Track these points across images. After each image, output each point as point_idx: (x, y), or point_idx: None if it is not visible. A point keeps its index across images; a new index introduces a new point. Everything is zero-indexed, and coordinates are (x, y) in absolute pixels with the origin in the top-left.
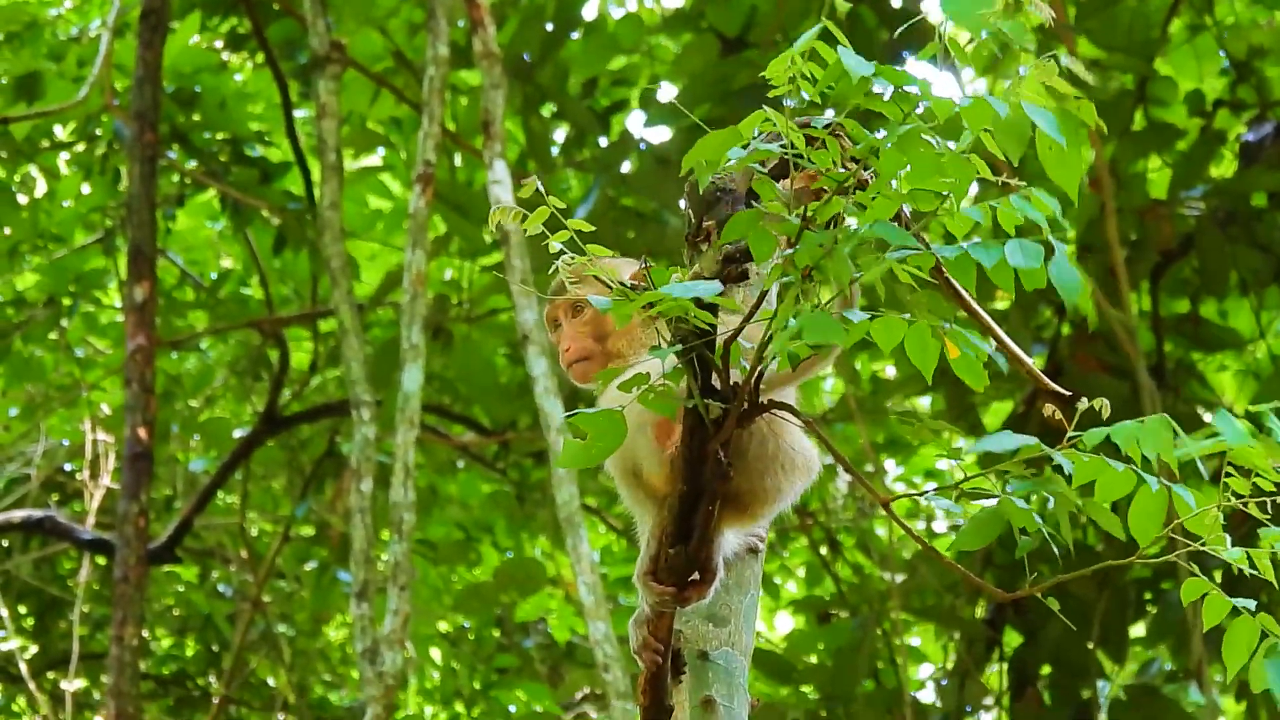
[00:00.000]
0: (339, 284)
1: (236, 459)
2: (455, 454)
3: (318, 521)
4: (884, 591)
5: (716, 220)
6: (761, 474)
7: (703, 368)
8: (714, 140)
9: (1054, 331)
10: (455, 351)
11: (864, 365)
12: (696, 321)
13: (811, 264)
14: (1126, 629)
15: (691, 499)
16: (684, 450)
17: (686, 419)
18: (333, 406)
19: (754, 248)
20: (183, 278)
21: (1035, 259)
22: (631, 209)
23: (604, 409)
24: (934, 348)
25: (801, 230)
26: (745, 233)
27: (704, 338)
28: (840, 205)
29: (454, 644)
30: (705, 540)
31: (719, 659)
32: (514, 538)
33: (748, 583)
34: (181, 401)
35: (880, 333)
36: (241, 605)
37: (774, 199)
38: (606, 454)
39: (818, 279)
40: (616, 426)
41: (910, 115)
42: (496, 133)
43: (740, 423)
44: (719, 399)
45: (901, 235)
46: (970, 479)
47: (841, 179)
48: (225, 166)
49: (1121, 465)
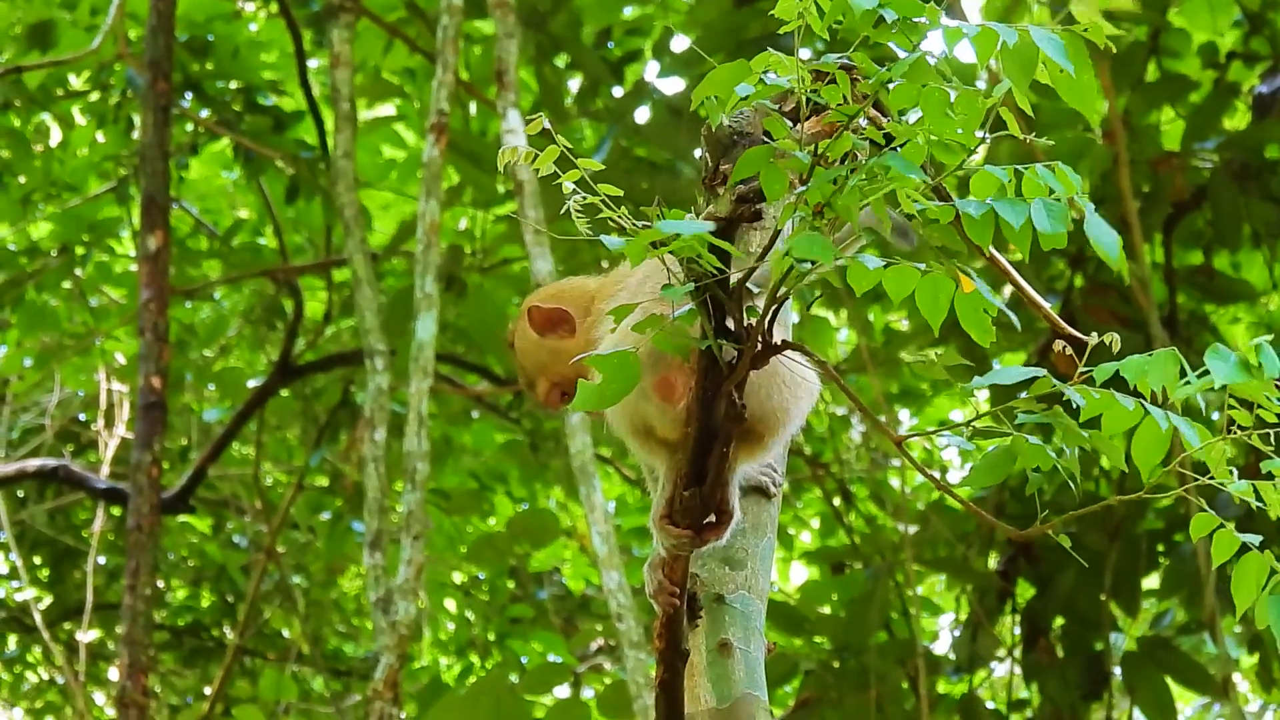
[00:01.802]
0: (353, 233)
1: (250, 408)
2: (469, 403)
3: (332, 471)
4: (897, 542)
5: (734, 164)
6: (768, 395)
7: (715, 308)
8: (723, 74)
9: (1066, 283)
10: (469, 301)
11: (877, 317)
12: (707, 262)
13: (823, 200)
14: (1139, 580)
15: (705, 441)
16: (697, 392)
17: (700, 360)
18: (347, 356)
19: (766, 185)
20: (196, 227)
21: (1061, 223)
22: (645, 159)
23: (616, 350)
24: (945, 298)
25: (813, 167)
26: (757, 170)
27: (716, 278)
28: (850, 141)
29: (468, 594)
30: (720, 482)
31: (735, 602)
32: (527, 488)
33: (764, 526)
34: (195, 351)
35: (892, 281)
36: (256, 555)
37: (786, 136)
38: (620, 395)
39: (829, 216)
40: (629, 367)
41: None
42: (510, 82)
43: (754, 364)
44: (732, 340)
45: (911, 167)
46: (981, 415)
47: (853, 113)
48: (238, 115)
49: (1130, 400)
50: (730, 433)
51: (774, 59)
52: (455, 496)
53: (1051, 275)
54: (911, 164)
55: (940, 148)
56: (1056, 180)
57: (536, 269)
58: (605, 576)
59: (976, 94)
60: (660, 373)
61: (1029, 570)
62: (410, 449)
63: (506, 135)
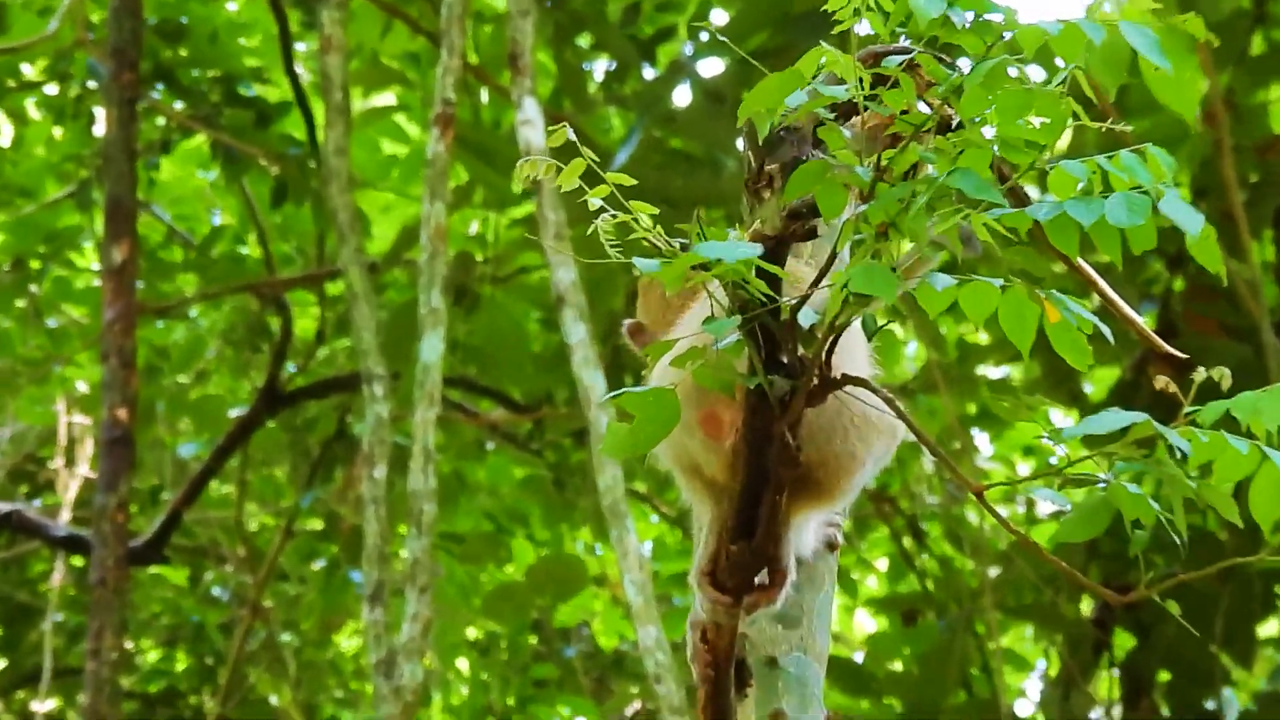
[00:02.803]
0: (347, 241)
1: (232, 443)
2: (483, 434)
3: (326, 514)
4: (976, 588)
5: (780, 164)
6: (829, 438)
7: (766, 339)
8: (771, 84)
9: (1164, 287)
10: (481, 316)
11: (950, 329)
12: (754, 289)
13: (887, 220)
14: (1254, 628)
15: (755, 489)
16: (746, 434)
17: (748, 399)
18: (342, 381)
19: (822, 203)
20: (169, 235)
21: (1141, 213)
22: (680, 152)
23: (653, 387)
24: (1031, 317)
25: (875, 182)
26: (812, 186)
27: (766, 306)
28: (917, 154)
29: (483, 653)
30: (772, 535)
31: (790, 665)
32: (551, 530)
33: (821, 578)
34: (168, 377)
35: (970, 301)
36: (239, 611)
37: (843, 147)
38: (656, 440)
39: (894, 237)
40: (668, 407)
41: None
42: (525, 66)
43: (810, 401)
44: (785, 374)
45: (983, 186)
46: (1074, 462)
47: (919, 121)
48: (216, 108)
49: (1244, 443)
50: (783, 480)
51: (828, 55)
52: (468, 541)
53: (1147, 279)
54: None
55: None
56: (1145, 169)
57: (558, 279)
58: (641, 632)
59: (1058, 95)
60: (706, 406)
61: (1128, 618)
62: (415, 487)
63: (522, 127)
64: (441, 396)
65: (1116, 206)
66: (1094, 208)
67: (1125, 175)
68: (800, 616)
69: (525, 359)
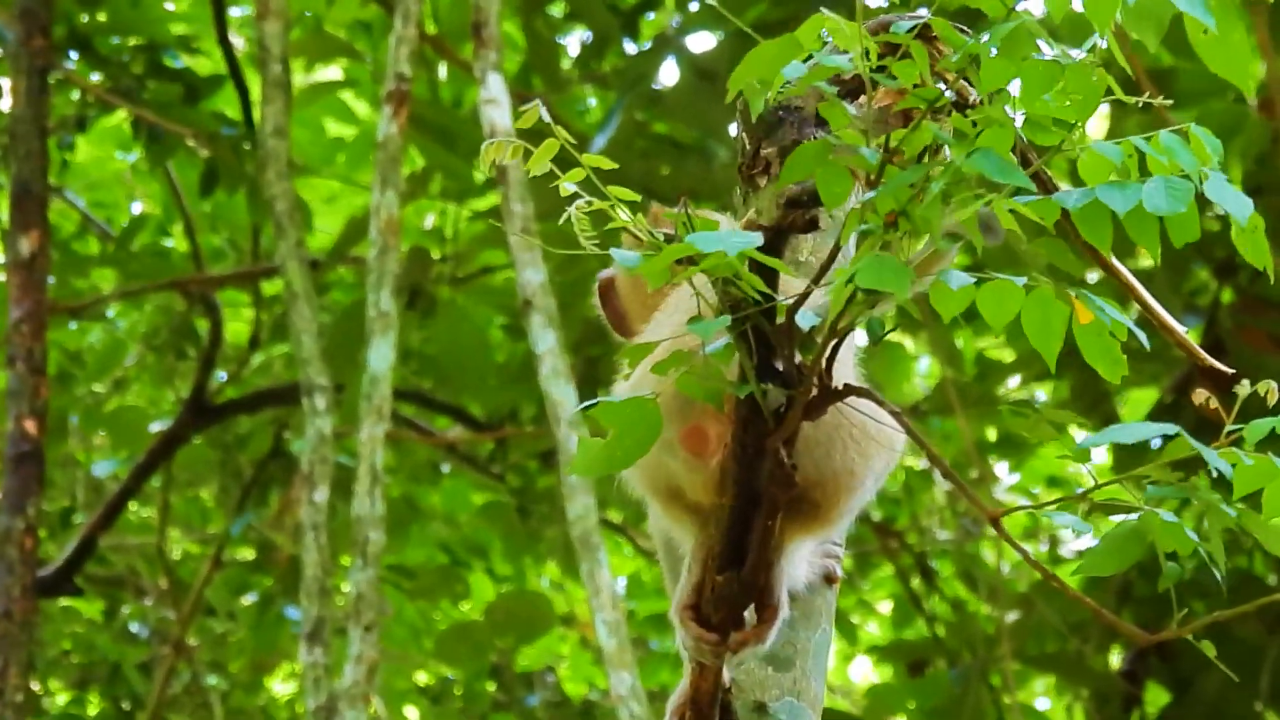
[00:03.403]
0: (286, 234)
1: (154, 460)
2: (438, 454)
3: (259, 541)
4: (992, 635)
5: (778, 148)
6: (827, 453)
7: (760, 343)
8: (767, 53)
9: (1212, 298)
10: (437, 322)
11: (967, 343)
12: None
13: (898, 209)
14: None
15: (744, 512)
16: (735, 450)
17: (738, 410)
18: (278, 392)
19: (823, 189)
20: (84, 225)
21: (1183, 199)
22: (666, 137)
23: (631, 396)
24: (1059, 321)
25: (884, 165)
26: (812, 170)
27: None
28: (932, 134)
29: (435, 701)
30: (763, 564)
31: (781, 712)
32: (513, 563)
33: (818, 615)
34: (83, 385)
35: (988, 301)
36: (160, 650)
37: (848, 126)
38: (635, 456)
39: (905, 228)
40: (648, 418)
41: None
42: (490, 38)
43: (808, 414)
44: (781, 383)
45: (1009, 170)
46: (1100, 485)
47: (934, 97)
48: (139, 81)
49: None
50: (777, 501)
51: (830, 24)
52: (419, 575)
53: (1193, 288)
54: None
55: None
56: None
57: (525, 280)
58: (614, 678)
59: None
60: (689, 420)
61: (1162, 670)
62: (361, 513)
63: (485, 107)
64: (392, 411)
65: (1155, 192)
66: (1130, 194)
67: (1165, 159)
68: (793, 657)
69: (487, 370)
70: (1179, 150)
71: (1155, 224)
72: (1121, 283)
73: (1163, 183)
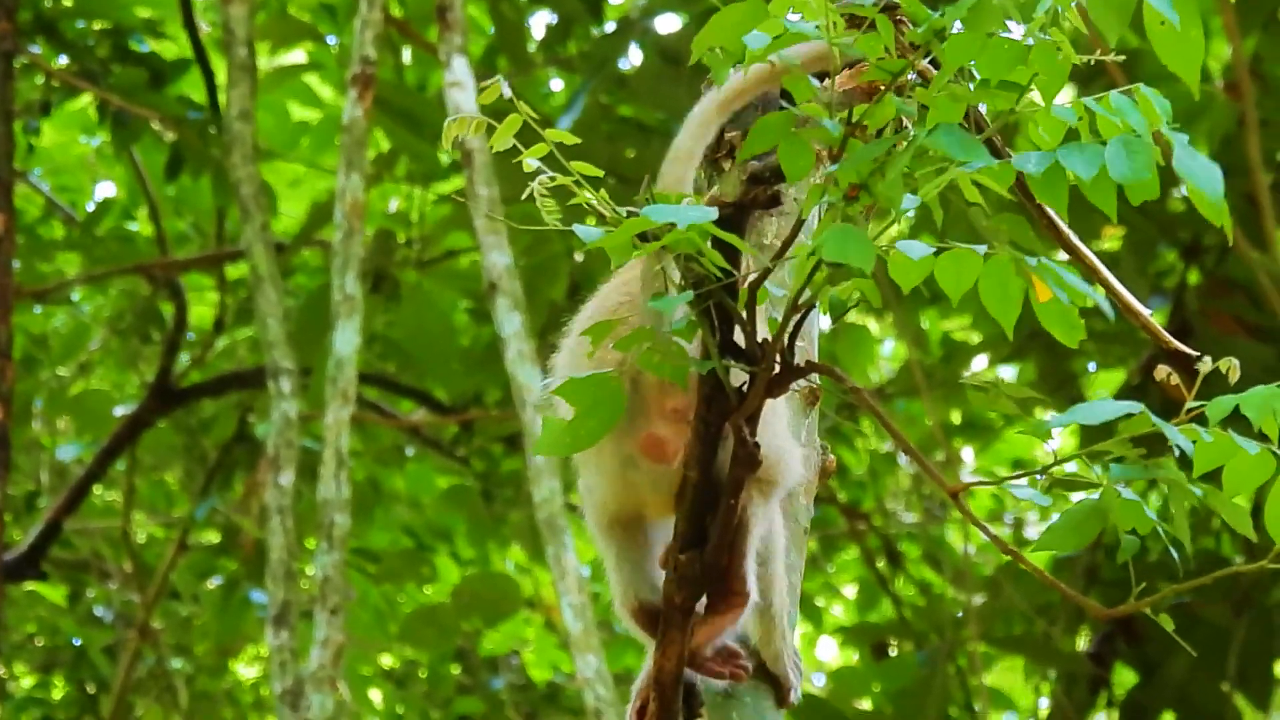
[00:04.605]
0: (251, 217)
1: (119, 444)
2: (402, 438)
3: (224, 525)
4: (958, 617)
5: (743, 131)
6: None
7: (722, 320)
8: (730, 18)
9: (1178, 280)
10: (402, 305)
11: (932, 324)
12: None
13: (859, 183)
14: (1272, 666)
15: (707, 491)
16: (698, 427)
17: (702, 387)
18: (243, 376)
19: (785, 162)
20: (49, 209)
21: (1145, 162)
22: (631, 120)
23: (596, 373)
24: (1016, 292)
25: (846, 139)
26: (774, 143)
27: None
28: (894, 108)
29: (400, 684)
30: (724, 545)
31: (745, 695)
32: (478, 547)
33: None
34: (47, 370)
35: (947, 270)
36: (124, 633)
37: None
38: (599, 434)
39: (866, 202)
40: (612, 395)
41: None
42: (455, 21)
43: (770, 391)
44: (743, 360)
45: (971, 146)
46: (1060, 461)
47: (897, 70)
48: (104, 65)
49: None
50: (741, 480)
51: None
52: (384, 558)
53: (1160, 270)
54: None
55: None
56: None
57: (490, 263)
58: (579, 661)
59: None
60: (642, 430)
61: (1130, 652)
62: (326, 497)
63: (450, 90)
64: (357, 395)
65: (1116, 156)
66: (1091, 157)
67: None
68: None
69: (452, 354)
70: (1129, 111)
71: (1113, 186)
72: (1085, 264)
73: (1123, 145)
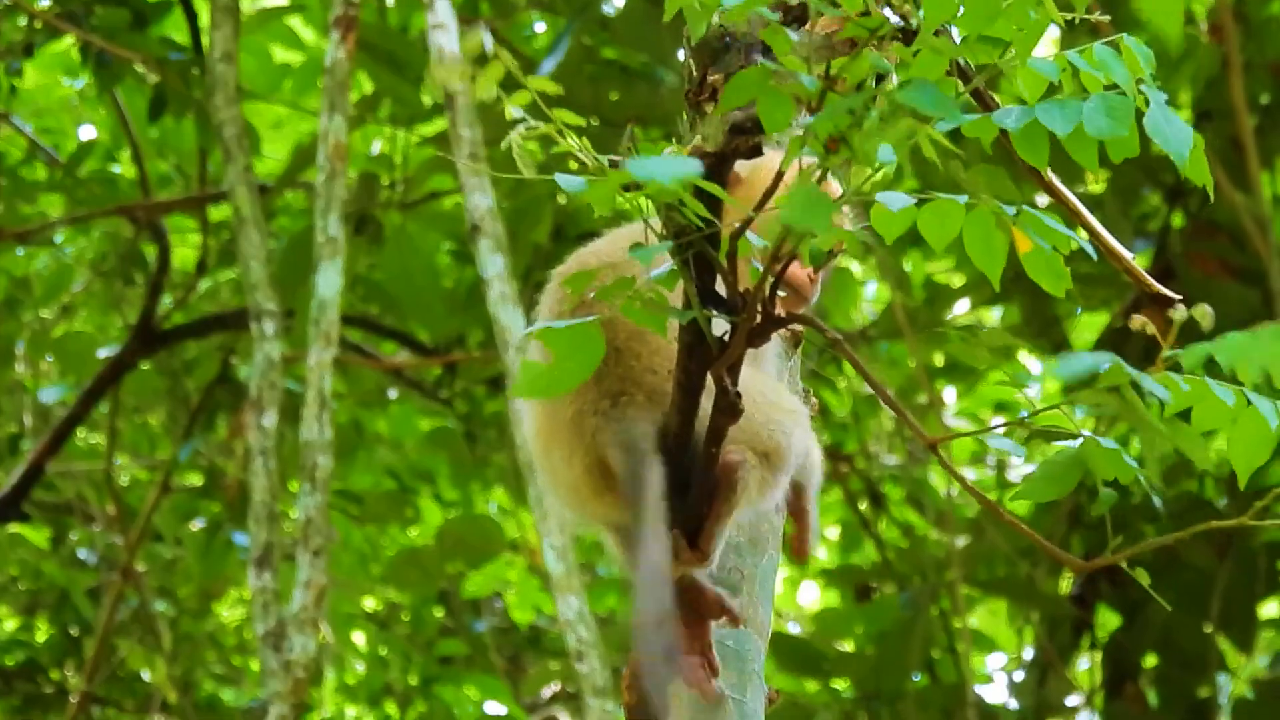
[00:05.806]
0: (234, 159)
1: (101, 386)
2: (385, 380)
3: (207, 467)
4: (941, 559)
5: (724, 74)
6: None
7: (702, 269)
8: None
9: (1162, 223)
10: (385, 247)
11: (916, 266)
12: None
13: (837, 135)
14: (1255, 608)
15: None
16: (680, 377)
17: (682, 336)
18: (226, 318)
19: (764, 115)
20: (31, 151)
21: (1123, 119)
22: (615, 63)
23: (576, 321)
24: (1001, 241)
25: (824, 93)
26: (753, 95)
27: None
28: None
29: (383, 626)
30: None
31: (727, 639)
32: (461, 489)
33: (764, 540)
34: (30, 312)
35: (929, 222)
36: (108, 576)
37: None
38: (578, 379)
39: (844, 154)
40: (591, 340)
41: None
42: None
43: (751, 341)
44: (725, 310)
45: (941, 100)
46: (1040, 411)
47: (876, 24)
48: (86, 6)
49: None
50: (721, 429)
51: None
52: (367, 500)
53: (1143, 213)
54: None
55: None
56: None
57: (473, 205)
58: (561, 603)
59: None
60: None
61: (1113, 595)
62: (309, 438)
63: (434, 32)
64: (339, 337)
65: (1095, 112)
66: (1070, 113)
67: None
68: (739, 583)
69: (435, 296)
70: (1113, 64)
71: (1094, 142)
72: (1068, 208)
73: (1102, 101)
